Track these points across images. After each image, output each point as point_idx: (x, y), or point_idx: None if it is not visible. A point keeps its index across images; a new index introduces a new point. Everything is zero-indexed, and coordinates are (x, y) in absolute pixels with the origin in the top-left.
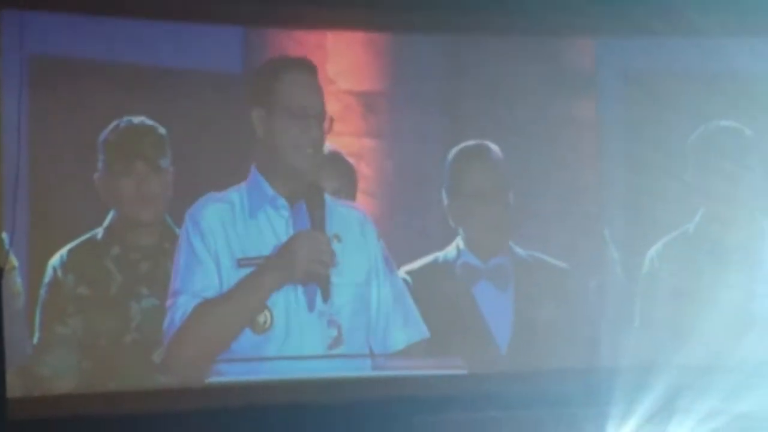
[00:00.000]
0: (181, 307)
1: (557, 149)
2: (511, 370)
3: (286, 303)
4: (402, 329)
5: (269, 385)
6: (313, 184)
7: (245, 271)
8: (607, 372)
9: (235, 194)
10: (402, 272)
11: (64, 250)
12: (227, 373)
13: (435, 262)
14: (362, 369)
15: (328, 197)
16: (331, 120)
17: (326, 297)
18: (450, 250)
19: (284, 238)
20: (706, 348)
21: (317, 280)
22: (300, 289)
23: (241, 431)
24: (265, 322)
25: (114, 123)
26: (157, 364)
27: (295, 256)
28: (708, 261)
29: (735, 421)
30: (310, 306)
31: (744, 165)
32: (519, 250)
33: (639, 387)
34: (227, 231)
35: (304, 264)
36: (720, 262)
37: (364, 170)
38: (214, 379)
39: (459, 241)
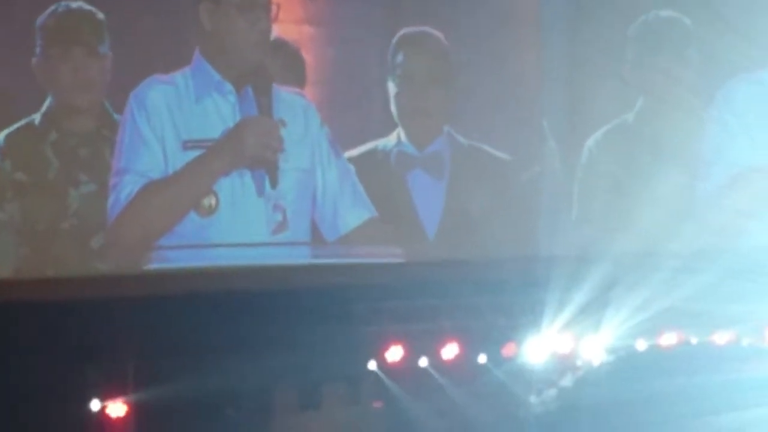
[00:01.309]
0: (127, 186)
1: (497, 41)
2: (447, 258)
3: (233, 187)
4: (351, 210)
5: (211, 272)
6: (260, 70)
7: (191, 154)
8: (544, 261)
9: (180, 77)
10: (343, 155)
11: (0, 135)
12: (169, 260)
13: (374, 150)
14: (303, 257)
15: (273, 84)
16: (278, 7)
17: (274, 183)
18: (390, 139)
19: (231, 123)
20: (643, 237)
21: (265, 165)
22: (248, 174)
23: (181, 318)
24: (210, 206)
25: (52, 7)
26: (96, 251)
27: (243, 141)
28: (646, 151)
29: (670, 310)
30: (259, 191)
31: (683, 54)
32: (460, 138)
33: (576, 276)
34: (173, 113)
35: (252, 149)
36: (658, 151)
37: (306, 58)
38: (156, 265)
39: (399, 130)
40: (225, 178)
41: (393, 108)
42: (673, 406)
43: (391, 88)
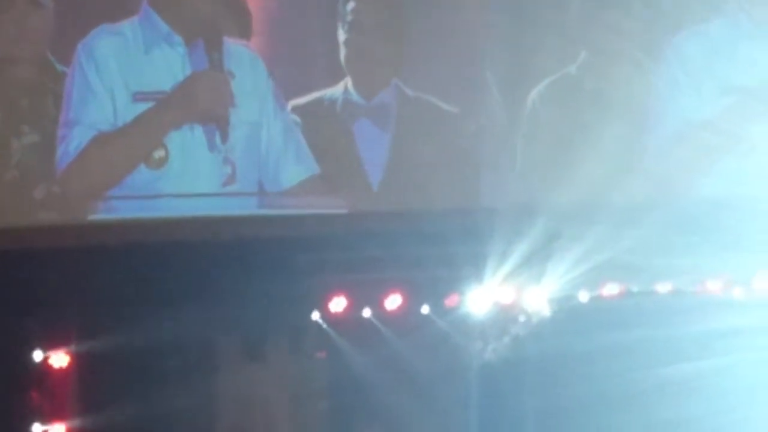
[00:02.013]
0: (77, 137)
1: None
2: (390, 209)
3: (183, 141)
4: (293, 165)
5: (157, 222)
6: (210, 23)
7: (141, 106)
8: (488, 212)
9: (128, 28)
10: (288, 107)
11: None
12: (116, 210)
13: (320, 99)
14: (250, 208)
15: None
16: None
17: (224, 138)
18: (337, 89)
19: (180, 77)
20: (586, 190)
21: (216, 120)
22: (198, 128)
23: (126, 268)
24: (160, 158)
25: None
26: (39, 201)
27: (194, 96)
28: (590, 103)
29: (611, 261)
30: (210, 146)
31: (629, 8)
32: (407, 90)
33: (519, 227)
34: (121, 64)
35: (203, 104)
36: (602, 104)
37: (251, 9)
38: (102, 216)
39: (347, 80)
40: (175, 132)
41: (341, 56)
42: (617, 359)
43: (341, 35)
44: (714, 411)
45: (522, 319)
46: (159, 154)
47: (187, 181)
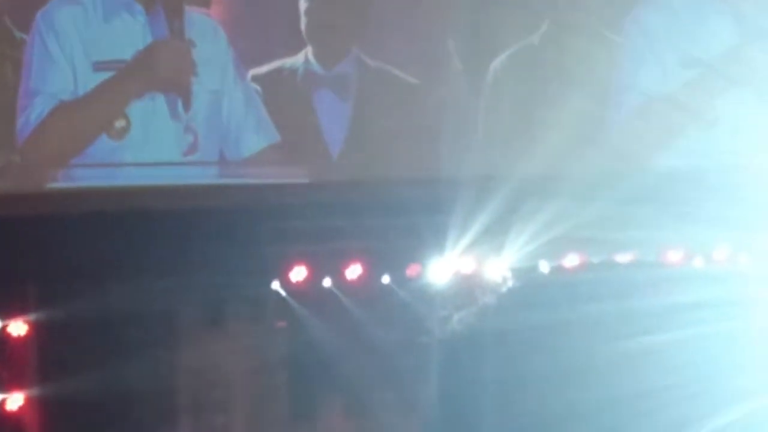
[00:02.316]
0: (38, 107)
1: None
2: (351, 179)
3: (144, 110)
4: (254, 134)
5: (118, 191)
6: None
7: (101, 75)
8: (449, 183)
9: None
10: (248, 76)
11: None
12: (76, 179)
13: (280, 68)
14: (212, 176)
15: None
16: None
17: (187, 106)
18: (297, 58)
19: (141, 45)
20: (547, 161)
21: (178, 89)
22: (160, 97)
23: (86, 237)
24: (122, 128)
25: None
26: None
27: (155, 65)
28: (552, 74)
29: (571, 233)
30: (172, 115)
31: None
32: (368, 60)
33: (480, 198)
34: (81, 33)
35: (165, 73)
36: (563, 76)
37: None
38: (61, 184)
39: (307, 49)
40: (137, 101)
41: (302, 25)
42: (578, 332)
43: (302, 4)
44: (674, 383)
45: (483, 289)
46: (120, 124)
47: (148, 150)
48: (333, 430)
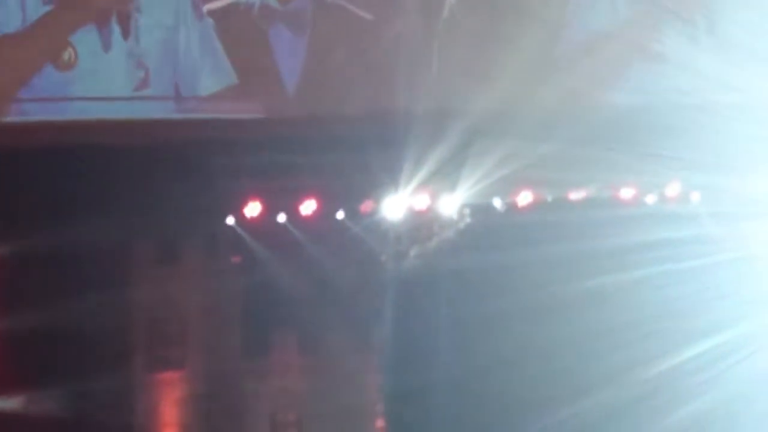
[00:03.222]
0: None
1: None
2: (305, 114)
3: (91, 42)
4: (210, 75)
5: (71, 125)
6: None
7: (48, 8)
8: (402, 119)
9: None
10: (204, 11)
11: None
12: (27, 113)
13: (237, 3)
14: (166, 112)
15: None
16: None
17: (126, 34)
18: None
19: None
20: (501, 96)
21: (117, 18)
22: (104, 28)
23: (39, 172)
24: (69, 59)
25: None
26: None
27: None
28: (506, 11)
29: (524, 170)
30: (115, 43)
31: None
32: None
33: (434, 134)
34: None
35: (101, 2)
36: (518, 12)
37: None
38: (13, 118)
39: None
40: (83, 33)
41: None
42: (534, 270)
43: None
44: (629, 322)
45: (436, 225)
46: (67, 54)
47: (99, 85)
48: (286, 364)
